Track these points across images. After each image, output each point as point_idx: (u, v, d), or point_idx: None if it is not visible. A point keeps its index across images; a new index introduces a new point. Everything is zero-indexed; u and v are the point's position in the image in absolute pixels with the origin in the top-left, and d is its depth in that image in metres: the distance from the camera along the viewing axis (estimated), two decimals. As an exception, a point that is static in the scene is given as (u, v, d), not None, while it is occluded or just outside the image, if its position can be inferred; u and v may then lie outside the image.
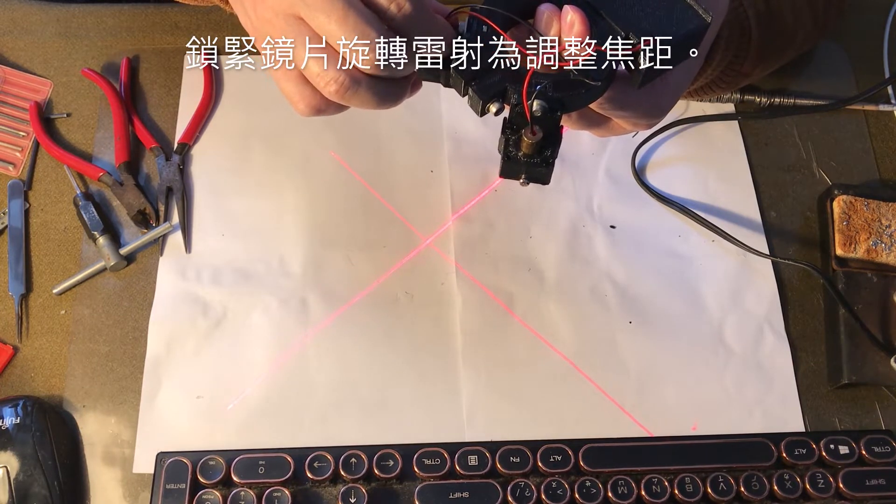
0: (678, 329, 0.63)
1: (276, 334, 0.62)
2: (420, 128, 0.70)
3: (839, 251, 0.65)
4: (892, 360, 0.61)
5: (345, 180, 0.68)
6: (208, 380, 0.60)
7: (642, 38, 0.44)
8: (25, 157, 0.67)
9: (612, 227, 0.67)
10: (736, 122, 0.72)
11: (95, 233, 0.63)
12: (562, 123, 0.51)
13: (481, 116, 0.45)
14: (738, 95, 0.72)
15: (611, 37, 0.44)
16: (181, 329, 0.61)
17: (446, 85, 0.46)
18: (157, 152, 0.67)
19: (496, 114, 0.44)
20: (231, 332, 0.62)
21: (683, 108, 0.71)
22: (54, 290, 0.62)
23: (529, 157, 0.46)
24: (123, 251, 0.63)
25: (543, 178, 0.47)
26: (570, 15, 0.44)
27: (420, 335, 0.62)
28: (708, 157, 0.70)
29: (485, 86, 0.44)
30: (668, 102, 0.52)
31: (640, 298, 0.64)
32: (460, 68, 0.44)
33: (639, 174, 0.69)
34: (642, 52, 0.44)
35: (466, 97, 0.45)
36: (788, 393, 0.62)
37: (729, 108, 0.72)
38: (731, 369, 0.62)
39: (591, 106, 0.48)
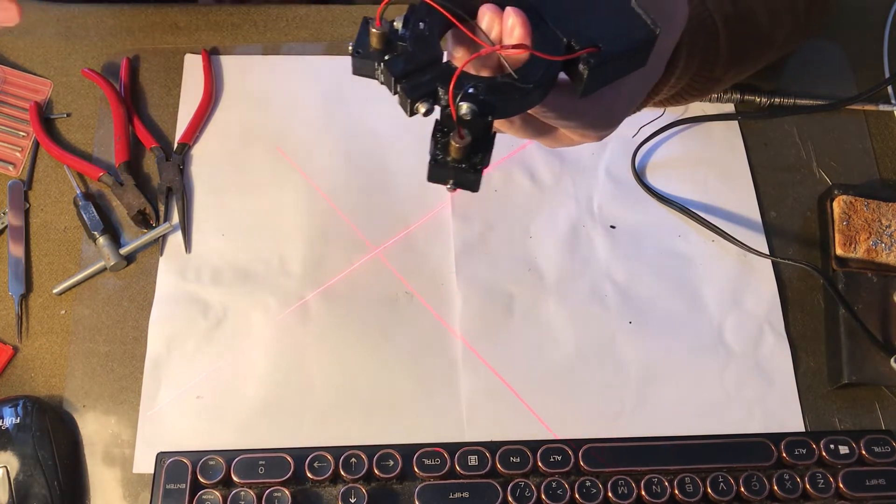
0: (678, 329, 0.63)
1: (276, 334, 0.62)
2: (421, 128, 0.70)
3: (839, 251, 0.65)
4: (893, 360, 0.61)
5: (345, 181, 0.68)
6: (208, 380, 0.60)
7: (581, 47, 0.42)
8: (25, 157, 0.67)
9: (612, 227, 0.67)
10: (736, 122, 0.72)
11: (95, 233, 0.63)
12: (505, 131, 0.50)
13: (410, 116, 0.44)
14: (738, 95, 0.72)
15: (548, 43, 0.43)
16: (181, 329, 0.61)
17: (381, 82, 0.44)
18: (157, 152, 0.67)
19: (425, 114, 0.43)
20: (231, 332, 0.62)
21: (683, 108, 0.71)
22: (54, 290, 0.62)
23: (458, 163, 0.43)
24: (123, 251, 0.63)
25: (472, 186, 0.45)
26: (512, 18, 0.43)
27: (420, 335, 0.62)
28: (708, 157, 0.70)
29: (414, 85, 0.42)
30: (619, 114, 0.49)
31: (640, 298, 0.64)
32: (391, 65, 0.43)
33: (639, 174, 0.69)
34: (582, 61, 0.42)
35: (396, 96, 0.43)
36: (788, 393, 0.62)
37: (729, 108, 0.72)
38: (731, 369, 0.62)
39: (535, 114, 0.47)
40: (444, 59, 0.44)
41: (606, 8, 0.44)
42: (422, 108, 0.42)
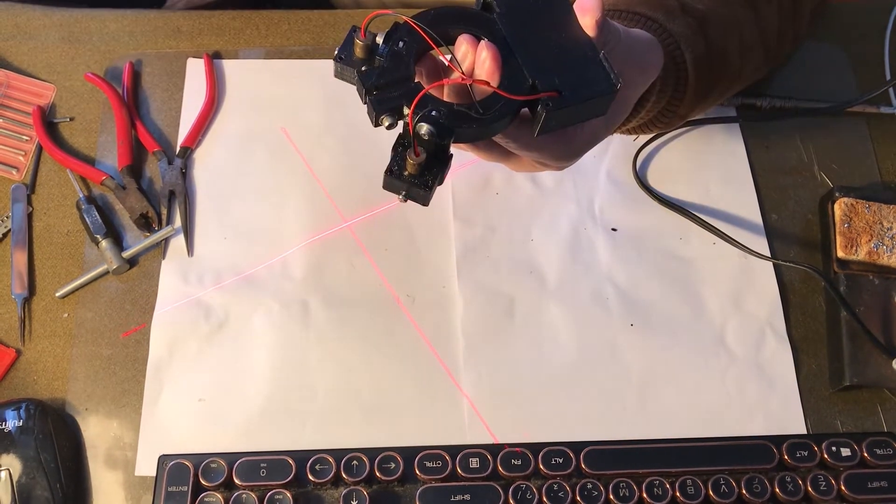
0: (679, 331, 0.63)
1: (278, 337, 0.62)
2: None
3: (840, 253, 0.65)
4: (894, 362, 0.61)
5: (348, 185, 0.68)
6: (210, 383, 0.60)
7: (543, 90, 0.45)
8: (28, 161, 0.68)
9: (614, 229, 0.67)
10: (737, 124, 0.72)
11: (98, 236, 0.63)
12: (470, 152, 0.53)
13: (375, 127, 0.46)
14: (740, 98, 0.72)
15: (514, 80, 0.45)
16: (183, 332, 0.62)
17: (358, 90, 0.47)
18: (160, 156, 0.68)
19: (388, 128, 0.45)
20: (233, 336, 0.62)
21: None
22: (57, 294, 0.62)
23: (412, 177, 0.46)
24: (126, 254, 0.63)
25: (422, 201, 0.48)
26: (485, 52, 0.45)
27: (421, 338, 0.62)
28: (709, 159, 0.71)
29: (383, 98, 0.45)
30: (579, 149, 0.52)
31: (642, 301, 0.64)
32: (365, 76, 0.45)
33: (640, 177, 0.69)
34: (542, 104, 0.45)
35: (366, 105, 0.46)
36: (790, 395, 0.62)
37: (730, 111, 0.72)
38: (732, 371, 0.62)
39: (499, 142, 0.49)
40: (416, 80, 0.46)
41: (576, 55, 0.46)
42: (385, 122, 0.45)
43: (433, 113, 0.44)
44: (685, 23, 0.57)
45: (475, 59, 0.46)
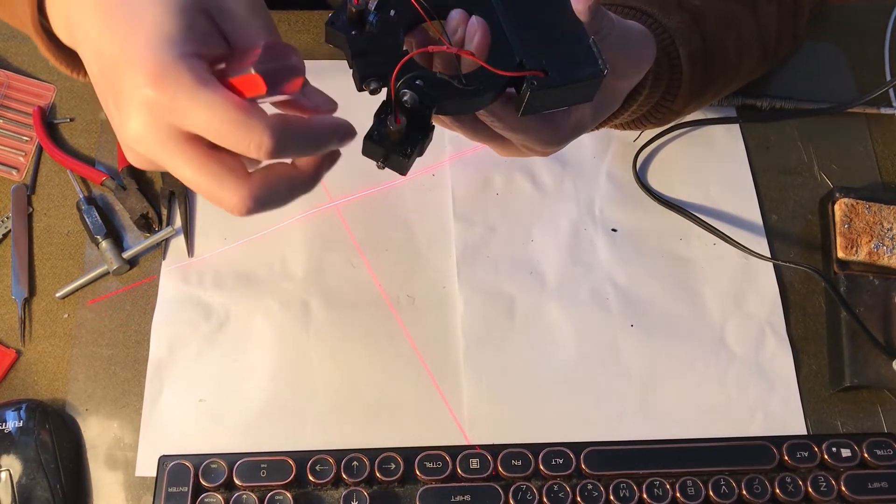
0: (680, 332, 0.63)
1: (278, 337, 0.62)
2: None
3: (841, 254, 0.65)
4: (894, 363, 0.61)
5: (348, 184, 0.68)
6: (210, 383, 0.60)
7: (530, 69, 0.45)
8: (29, 161, 0.68)
9: (614, 230, 0.67)
10: (737, 125, 0.72)
11: (98, 237, 0.63)
12: (457, 131, 0.52)
13: (360, 91, 0.46)
14: (740, 99, 0.72)
15: (502, 57, 0.45)
16: (183, 332, 0.62)
17: (346, 54, 0.47)
18: (160, 156, 0.67)
19: (372, 93, 0.45)
20: (233, 336, 0.62)
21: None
22: (57, 294, 0.62)
23: (392, 144, 0.46)
24: (126, 255, 0.63)
25: (399, 169, 0.47)
26: (475, 27, 0.45)
27: (421, 338, 0.62)
28: (709, 160, 0.71)
29: (368, 63, 0.45)
30: (565, 136, 0.51)
31: (642, 301, 0.64)
32: (353, 40, 0.45)
33: (640, 177, 0.69)
34: (527, 82, 0.45)
35: (351, 69, 0.46)
36: (790, 396, 0.62)
37: (730, 111, 0.72)
38: (732, 372, 0.62)
39: (484, 120, 0.49)
40: (405, 50, 0.46)
41: (566, 38, 0.46)
42: (370, 86, 0.45)
43: (417, 81, 0.44)
44: (681, 18, 0.57)
45: (465, 34, 0.46)
